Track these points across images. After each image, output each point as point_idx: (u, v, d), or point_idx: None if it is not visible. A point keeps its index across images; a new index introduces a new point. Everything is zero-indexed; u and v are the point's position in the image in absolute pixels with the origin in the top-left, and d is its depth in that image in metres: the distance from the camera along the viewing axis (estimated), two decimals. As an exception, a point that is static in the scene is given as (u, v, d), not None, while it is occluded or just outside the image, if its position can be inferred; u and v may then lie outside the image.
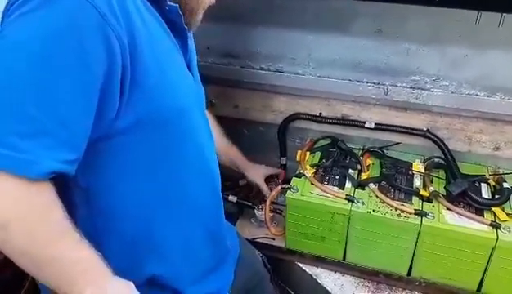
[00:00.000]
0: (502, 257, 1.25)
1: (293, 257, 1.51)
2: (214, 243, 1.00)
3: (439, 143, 1.48)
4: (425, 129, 1.50)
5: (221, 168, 1.01)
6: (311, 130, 1.67)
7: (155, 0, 0.78)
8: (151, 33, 0.74)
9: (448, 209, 1.31)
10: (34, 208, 0.64)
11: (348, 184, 1.43)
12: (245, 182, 1.67)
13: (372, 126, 1.54)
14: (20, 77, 0.61)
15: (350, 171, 1.47)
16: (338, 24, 1.43)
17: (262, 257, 1.34)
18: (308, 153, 1.56)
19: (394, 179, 1.42)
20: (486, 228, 1.25)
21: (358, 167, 1.49)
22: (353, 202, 1.35)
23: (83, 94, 0.65)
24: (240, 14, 1.50)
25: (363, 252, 1.40)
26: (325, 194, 1.38)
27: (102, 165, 0.77)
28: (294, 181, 1.44)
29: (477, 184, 1.40)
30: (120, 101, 0.71)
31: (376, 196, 1.37)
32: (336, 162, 1.51)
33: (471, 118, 1.45)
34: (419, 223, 1.28)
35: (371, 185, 1.40)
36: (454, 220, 1.28)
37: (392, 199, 1.35)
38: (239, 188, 1.68)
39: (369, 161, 1.52)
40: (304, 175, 1.45)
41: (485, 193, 1.37)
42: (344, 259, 1.45)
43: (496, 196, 1.35)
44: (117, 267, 0.74)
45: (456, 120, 1.47)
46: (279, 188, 1.50)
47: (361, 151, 1.57)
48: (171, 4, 0.79)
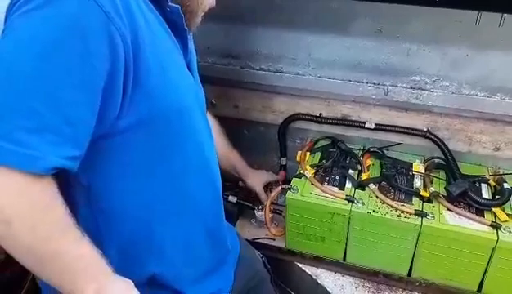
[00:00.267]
0: (502, 258, 1.25)
1: (293, 258, 1.50)
2: (214, 243, 1.00)
3: (439, 143, 1.48)
4: (425, 129, 1.50)
5: (221, 169, 1.01)
6: (311, 130, 1.67)
7: (157, 0, 0.78)
8: (153, 33, 0.75)
9: (448, 209, 1.31)
10: (37, 204, 0.64)
11: (348, 184, 1.43)
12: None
13: (372, 126, 1.54)
14: (26, 74, 0.62)
15: (350, 172, 1.47)
16: (338, 25, 1.42)
17: (262, 258, 1.34)
18: (308, 153, 1.56)
19: (394, 179, 1.42)
20: (486, 228, 1.25)
21: (358, 168, 1.49)
22: (353, 202, 1.35)
23: (87, 91, 0.66)
24: (241, 14, 1.50)
25: (363, 253, 1.40)
26: (325, 195, 1.38)
27: (103, 163, 0.77)
28: (294, 182, 1.44)
29: (477, 184, 1.40)
30: (123, 100, 0.71)
31: (376, 196, 1.37)
32: (336, 162, 1.51)
33: (471, 119, 1.45)
34: (419, 223, 1.28)
35: (371, 186, 1.40)
36: (454, 221, 1.28)
37: (392, 200, 1.35)
38: (239, 188, 1.68)
39: (369, 161, 1.52)
40: (304, 175, 1.45)
41: (485, 193, 1.37)
42: (344, 259, 1.45)
43: (497, 196, 1.35)
44: (117, 266, 0.75)
45: (457, 120, 1.47)
46: (279, 188, 1.50)
47: (361, 151, 1.57)
48: (172, 5, 0.79)
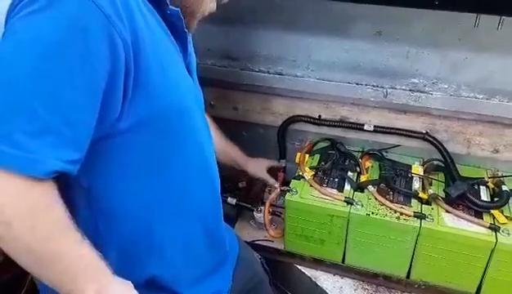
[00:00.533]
0: (501, 260, 1.25)
1: (292, 259, 1.50)
2: (213, 245, 1.01)
3: (438, 145, 1.49)
4: (424, 132, 1.50)
5: (220, 170, 1.01)
6: (310, 132, 1.67)
7: (157, 3, 0.78)
8: (153, 33, 0.75)
9: (447, 212, 1.31)
10: (37, 206, 0.64)
11: (347, 186, 1.43)
12: (244, 185, 1.67)
13: (371, 128, 1.55)
14: (26, 74, 0.62)
15: (349, 174, 1.48)
16: (338, 27, 1.43)
17: (261, 259, 1.34)
18: (307, 155, 1.57)
19: (393, 181, 1.43)
20: (485, 230, 1.25)
21: (357, 170, 1.49)
22: (352, 204, 1.35)
23: (88, 92, 0.66)
24: (240, 16, 1.50)
25: (362, 255, 1.40)
26: (324, 197, 1.38)
27: (103, 164, 0.77)
28: (294, 183, 1.44)
29: (476, 186, 1.40)
30: (123, 102, 0.71)
31: (375, 198, 1.37)
32: (335, 164, 1.51)
33: (470, 121, 1.45)
34: (418, 225, 1.28)
35: (370, 188, 1.40)
36: (453, 223, 1.28)
37: (391, 202, 1.35)
38: (238, 190, 1.68)
39: (368, 163, 1.53)
40: (303, 177, 1.45)
41: (484, 195, 1.37)
42: (343, 261, 1.45)
43: (495, 199, 1.36)
44: (117, 268, 0.75)
45: (455, 123, 1.47)
46: (278, 190, 1.50)
47: (360, 153, 1.57)
48: (172, 8, 0.80)
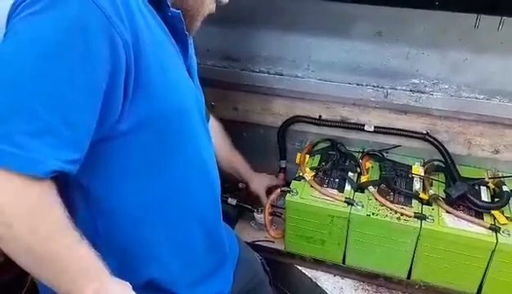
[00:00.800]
0: (502, 261, 1.25)
1: (292, 260, 1.50)
2: (213, 247, 1.00)
3: (439, 146, 1.48)
4: (425, 132, 1.50)
5: (220, 171, 1.01)
6: (310, 133, 1.67)
7: (158, 5, 0.78)
8: (154, 34, 0.75)
9: (448, 212, 1.31)
10: (36, 206, 0.64)
11: (348, 187, 1.43)
12: (245, 185, 1.67)
13: (372, 129, 1.54)
14: (26, 74, 0.62)
15: (349, 174, 1.47)
16: (338, 28, 1.43)
17: (261, 260, 1.34)
18: (308, 155, 1.56)
19: (394, 182, 1.42)
20: (485, 231, 1.25)
21: (358, 170, 1.49)
22: (353, 205, 1.35)
23: (88, 93, 0.66)
24: (240, 17, 1.50)
25: (363, 255, 1.40)
26: (324, 197, 1.38)
27: (103, 165, 0.77)
28: (294, 184, 1.44)
29: (476, 187, 1.39)
30: (123, 103, 0.71)
31: (376, 199, 1.37)
32: (336, 165, 1.51)
33: (471, 122, 1.45)
34: (418, 226, 1.28)
35: (371, 188, 1.40)
36: (453, 224, 1.28)
37: (391, 202, 1.35)
38: (238, 190, 1.68)
39: (368, 164, 1.52)
40: (304, 178, 1.45)
41: (484, 196, 1.37)
42: (344, 262, 1.45)
43: (496, 199, 1.35)
44: (115, 269, 0.75)
45: (456, 123, 1.47)
46: (278, 191, 1.50)
47: (360, 154, 1.57)
48: (173, 10, 0.80)
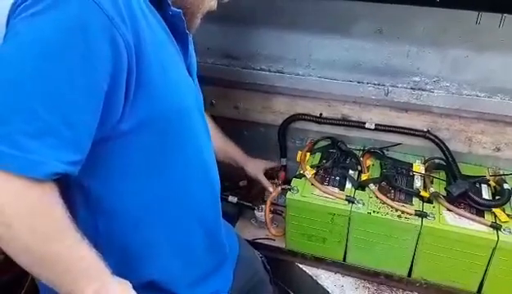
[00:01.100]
0: (502, 258, 1.25)
1: (293, 258, 1.50)
2: (213, 247, 1.00)
3: (440, 144, 1.48)
4: (426, 130, 1.50)
5: (220, 168, 1.01)
6: (311, 131, 1.67)
7: (159, 4, 0.78)
8: (155, 35, 0.75)
9: (449, 210, 1.31)
10: (37, 207, 0.64)
11: (349, 185, 1.43)
12: (245, 183, 1.67)
13: (372, 126, 1.54)
14: (27, 75, 0.62)
15: (350, 172, 1.47)
16: (338, 25, 1.43)
17: (262, 258, 1.34)
18: (309, 153, 1.56)
19: (394, 180, 1.42)
20: (486, 229, 1.25)
21: (358, 168, 1.49)
22: (354, 203, 1.35)
23: (88, 94, 0.65)
24: (241, 15, 1.50)
25: (363, 253, 1.40)
26: (325, 195, 1.38)
27: (103, 165, 0.77)
28: (295, 182, 1.44)
29: (477, 185, 1.40)
30: (125, 105, 0.71)
31: (376, 197, 1.37)
32: (336, 162, 1.51)
33: (472, 119, 1.45)
34: (419, 224, 1.28)
35: (371, 186, 1.40)
36: (454, 221, 1.28)
37: (392, 200, 1.35)
38: (239, 188, 1.68)
39: (369, 162, 1.52)
40: (305, 175, 1.45)
41: (485, 194, 1.37)
42: (345, 260, 1.45)
43: (497, 197, 1.35)
44: (116, 269, 0.75)
45: (457, 121, 1.47)
46: (279, 188, 1.50)
47: (361, 152, 1.57)
48: (174, 9, 0.80)
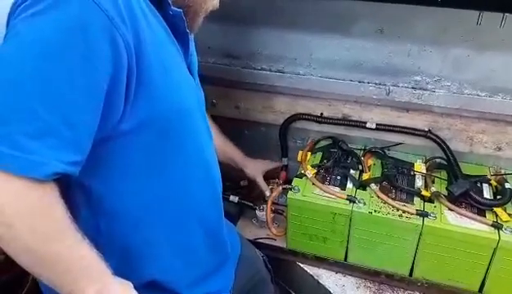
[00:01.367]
0: (504, 258, 1.25)
1: (294, 258, 1.51)
2: (214, 246, 1.00)
3: (441, 143, 1.48)
4: (427, 129, 1.50)
5: (221, 168, 1.01)
6: (312, 130, 1.66)
7: (159, 4, 0.78)
8: (155, 35, 0.75)
9: (450, 209, 1.31)
10: (38, 207, 0.64)
11: (350, 184, 1.43)
12: (246, 183, 1.67)
13: (373, 126, 1.54)
14: (27, 75, 0.62)
15: (351, 172, 1.47)
16: (339, 25, 1.42)
17: (263, 257, 1.34)
18: (310, 153, 1.56)
19: (396, 179, 1.42)
20: (487, 228, 1.25)
21: (360, 168, 1.49)
22: (355, 202, 1.35)
23: (89, 94, 0.65)
24: (242, 14, 1.50)
25: (365, 253, 1.40)
26: (326, 195, 1.38)
27: (104, 165, 0.77)
28: (296, 182, 1.44)
29: (478, 184, 1.39)
30: (125, 105, 0.71)
31: (378, 196, 1.37)
32: (337, 162, 1.51)
33: (473, 119, 1.45)
34: (420, 223, 1.28)
35: (373, 186, 1.40)
36: (456, 221, 1.28)
37: (393, 200, 1.35)
38: (240, 188, 1.68)
39: (370, 161, 1.52)
40: (305, 175, 1.45)
41: (487, 193, 1.37)
42: (346, 259, 1.45)
43: (498, 196, 1.35)
44: (117, 269, 0.75)
45: (458, 120, 1.47)
46: (280, 188, 1.50)
47: (362, 151, 1.57)
48: (175, 9, 0.80)
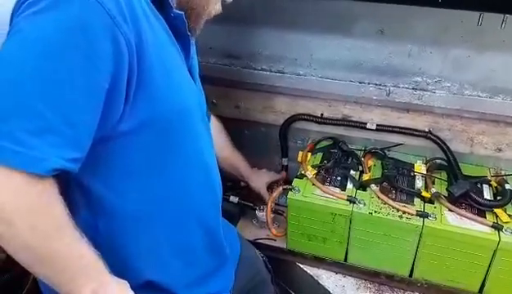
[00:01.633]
0: (504, 259, 1.25)
1: (294, 258, 1.51)
2: (213, 248, 1.00)
3: (441, 144, 1.48)
4: (427, 130, 1.50)
5: (221, 170, 1.01)
6: (312, 131, 1.66)
7: (161, 5, 0.78)
8: (157, 36, 0.75)
9: (450, 210, 1.31)
10: (37, 204, 0.64)
11: (350, 185, 1.43)
12: (246, 184, 1.67)
13: (374, 127, 1.54)
14: (28, 73, 0.62)
15: (351, 172, 1.47)
16: (340, 26, 1.42)
17: (263, 258, 1.34)
18: (310, 154, 1.56)
19: (396, 180, 1.42)
20: (488, 229, 1.25)
21: (360, 168, 1.49)
22: (355, 203, 1.34)
23: (89, 93, 0.66)
24: (242, 15, 1.50)
25: (365, 253, 1.40)
26: (326, 195, 1.38)
27: (103, 165, 0.77)
28: (296, 182, 1.44)
29: (479, 185, 1.39)
30: (125, 105, 0.71)
31: (378, 197, 1.37)
32: (338, 163, 1.51)
33: (473, 120, 1.45)
34: (420, 224, 1.28)
35: (373, 186, 1.40)
36: (456, 222, 1.28)
37: (393, 200, 1.35)
38: (240, 188, 1.68)
39: (370, 162, 1.52)
40: (306, 176, 1.45)
41: (487, 194, 1.37)
42: (346, 260, 1.45)
43: (498, 197, 1.35)
44: (115, 269, 0.75)
45: (458, 121, 1.47)
46: (280, 189, 1.49)
47: (362, 152, 1.57)
48: (176, 11, 0.80)
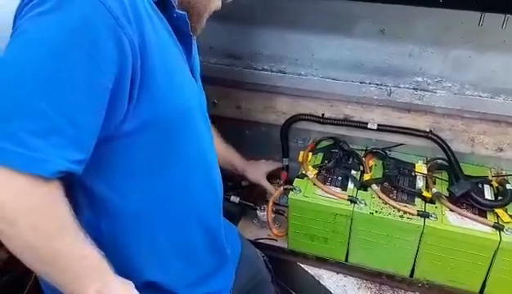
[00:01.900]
0: (505, 259, 1.25)
1: (295, 258, 1.51)
2: (214, 248, 1.00)
3: (442, 144, 1.48)
4: (428, 130, 1.50)
5: (223, 170, 1.01)
6: (313, 131, 1.66)
7: (163, 6, 0.79)
8: (160, 37, 0.76)
9: (451, 210, 1.31)
10: (41, 205, 0.64)
11: (351, 185, 1.43)
12: (248, 183, 1.67)
13: (375, 127, 1.54)
14: (33, 74, 0.62)
15: (353, 172, 1.47)
16: (341, 26, 1.42)
17: (264, 258, 1.34)
18: (311, 154, 1.56)
19: (397, 180, 1.42)
20: (489, 229, 1.25)
21: (361, 168, 1.49)
22: (356, 203, 1.35)
23: (94, 94, 0.66)
24: (243, 15, 1.50)
25: (366, 253, 1.40)
26: (327, 195, 1.38)
27: (106, 166, 0.77)
28: (297, 182, 1.44)
29: (480, 185, 1.39)
30: (128, 105, 0.71)
31: (379, 197, 1.37)
32: (339, 163, 1.51)
33: (474, 120, 1.45)
34: (421, 224, 1.28)
35: (374, 186, 1.40)
36: (457, 222, 1.28)
37: (394, 200, 1.35)
38: (241, 188, 1.68)
39: (371, 162, 1.52)
40: (307, 176, 1.45)
41: (488, 194, 1.37)
42: (347, 260, 1.45)
43: (499, 197, 1.35)
44: (117, 269, 0.75)
45: (459, 121, 1.47)
46: (281, 189, 1.50)
47: (363, 152, 1.57)
48: (179, 12, 0.80)
